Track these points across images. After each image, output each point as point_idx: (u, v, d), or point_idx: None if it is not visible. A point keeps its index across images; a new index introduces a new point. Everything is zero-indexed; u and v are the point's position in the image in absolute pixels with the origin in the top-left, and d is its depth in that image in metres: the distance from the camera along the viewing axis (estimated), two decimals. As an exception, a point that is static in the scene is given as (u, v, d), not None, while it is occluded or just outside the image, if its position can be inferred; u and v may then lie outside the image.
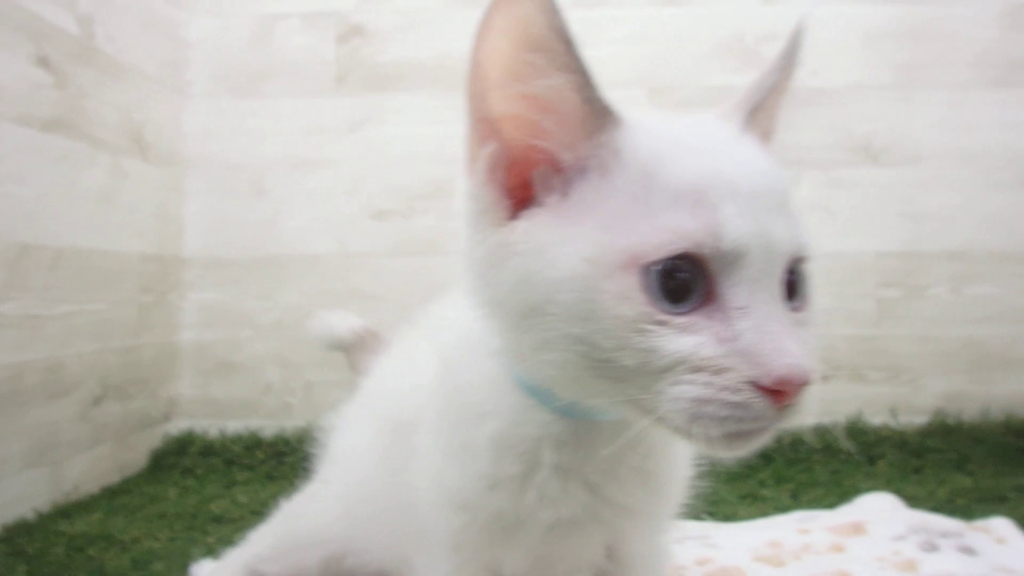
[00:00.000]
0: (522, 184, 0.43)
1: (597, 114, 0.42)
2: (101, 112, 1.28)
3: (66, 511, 1.16)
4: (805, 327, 0.42)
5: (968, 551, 0.84)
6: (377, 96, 1.54)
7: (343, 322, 0.92)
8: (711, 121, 0.48)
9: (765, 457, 1.34)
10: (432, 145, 1.53)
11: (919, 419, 1.42)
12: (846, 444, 1.32)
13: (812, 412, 1.34)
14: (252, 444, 1.47)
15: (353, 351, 0.91)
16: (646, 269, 0.39)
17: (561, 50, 0.41)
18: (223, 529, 1.10)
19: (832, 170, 1.50)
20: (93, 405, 1.27)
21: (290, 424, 1.51)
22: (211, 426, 1.51)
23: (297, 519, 0.78)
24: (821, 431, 1.40)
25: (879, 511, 0.99)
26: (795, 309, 0.42)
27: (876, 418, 1.43)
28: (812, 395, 0.39)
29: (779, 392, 0.37)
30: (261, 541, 0.81)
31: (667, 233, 0.39)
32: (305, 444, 1.43)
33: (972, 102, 1.47)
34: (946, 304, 1.46)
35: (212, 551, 0.99)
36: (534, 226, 0.42)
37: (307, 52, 1.55)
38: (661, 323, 0.38)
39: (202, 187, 1.55)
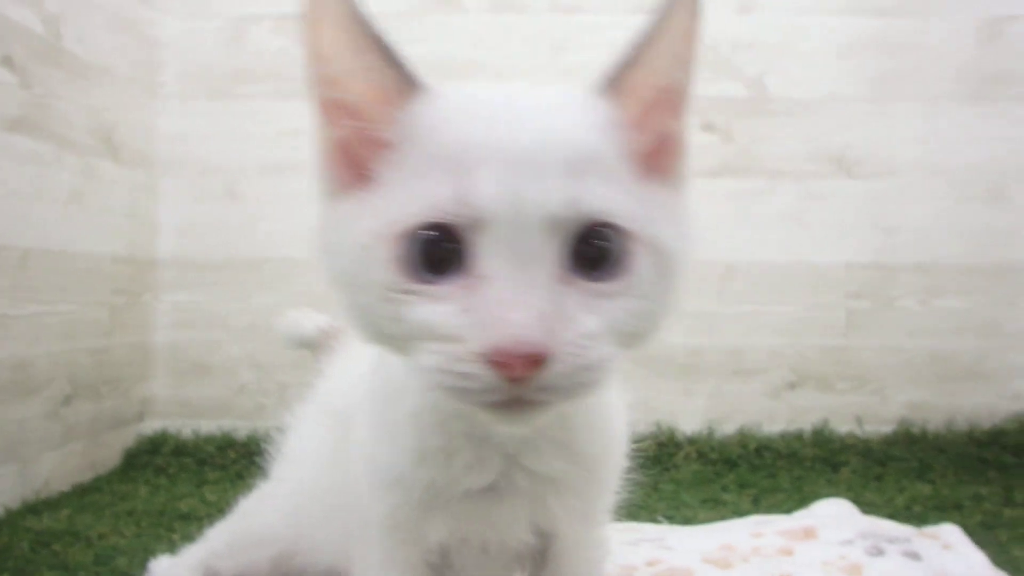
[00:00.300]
0: (355, 162, 0.44)
1: (405, 87, 0.43)
2: (69, 112, 1.29)
3: (35, 507, 1.17)
4: (611, 299, 0.40)
5: (913, 556, 0.86)
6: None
7: (310, 320, 0.92)
8: (525, 88, 0.46)
9: (729, 463, 1.36)
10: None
11: (884, 428, 1.44)
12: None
13: (779, 419, 1.33)
14: (225, 444, 1.48)
15: (320, 350, 0.92)
16: (401, 238, 0.39)
17: (363, 32, 0.42)
18: (189, 527, 1.10)
19: (805, 181, 1.52)
20: (63, 404, 1.28)
21: (263, 425, 1.50)
22: (185, 426, 1.52)
23: (250, 517, 0.79)
24: (787, 438, 1.42)
25: (833, 516, 1.00)
26: (596, 280, 0.39)
27: (842, 426, 1.45)
28: (561, 373, 0.37)
29: (503, 364, 0.36)
30: (217, 538, 0.82)
31: (418, 201, 0.39)
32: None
33: (947, 115, 1.49)
34: (914, 316, 1.48)
35: (175, 548, 1.00)
36: (348, 202, 0.43)
37: (281, 54, 1.56)
38: (409, 292, 0.39)
39: (176, 189, 1.56)
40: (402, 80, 0.43)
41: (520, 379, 0.36)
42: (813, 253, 1.50)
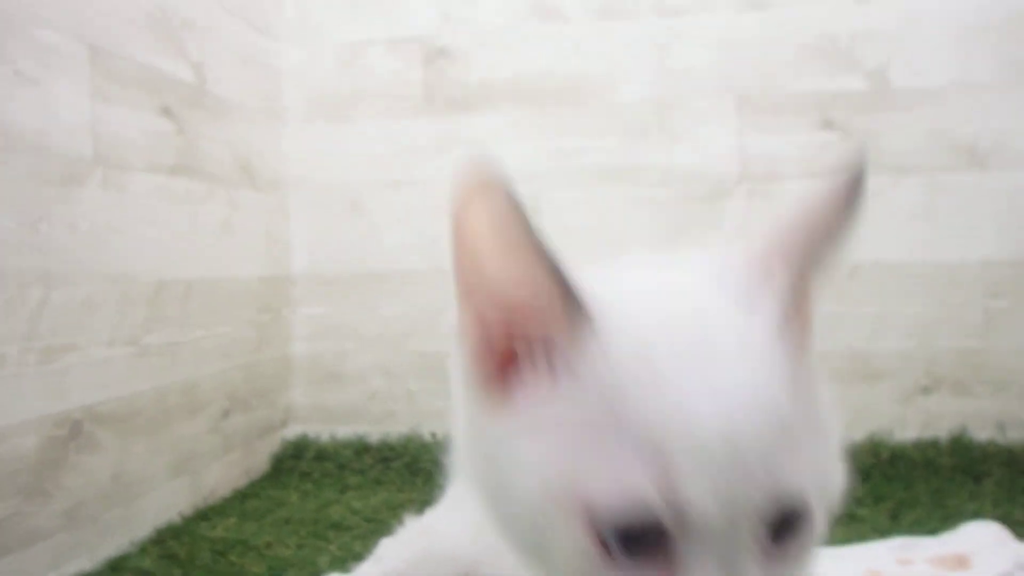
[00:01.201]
0: (507, 361, 0.40)
1: (572, 307, 0.37)
2: (214, 150, 1.39)
3: (205, 514, 1.29)
4: (787, 562, 0.37)
5: (1079, 592, 0.84)
6: (462, 116, 1.60)
7: None
8: (709, 297, 0.40)
9: (862, 473, 1.34)
10: (517, 162, 1.58)
11: (1029, 434, 1.38)
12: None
13: (912, 425, 1.30)
14: (360, 449, 1.58)
15: None
16: (596, 512, 0.35)
17: (532, 243, 0.37)
18: (342, 536, 1.20)
19: (933, 175, 1.45)
20: (223, 418, 1.40)
21: (394, 430, 1.61)
22: (323, 431, 1.63)
23: (431, 535, 0.84)
24: (922, 446, 1.38)
25: (984, 542, 0.98)
26: (780, 549, 0.37)
27: (982, 433, 1.39)
28: None
29: None
30: (395, 556, 0.88)
31: (619, 489, 0.34)
32: (409, 450, 1.54)
33: (1089, 100, 1.39)
34: (1059, 315, 1.40)
35: (336, 560, 1.10)
36: (507, 419, 0.39)
37: (394, 75, 1.61)
38: (607, 569, 0.35)
39: (304, 209, 1.66)
40: (572, 295, 0.37)
41: None
42: (944, 251, 1.44)
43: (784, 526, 0.36)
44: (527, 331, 0.39)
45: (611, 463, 0.34)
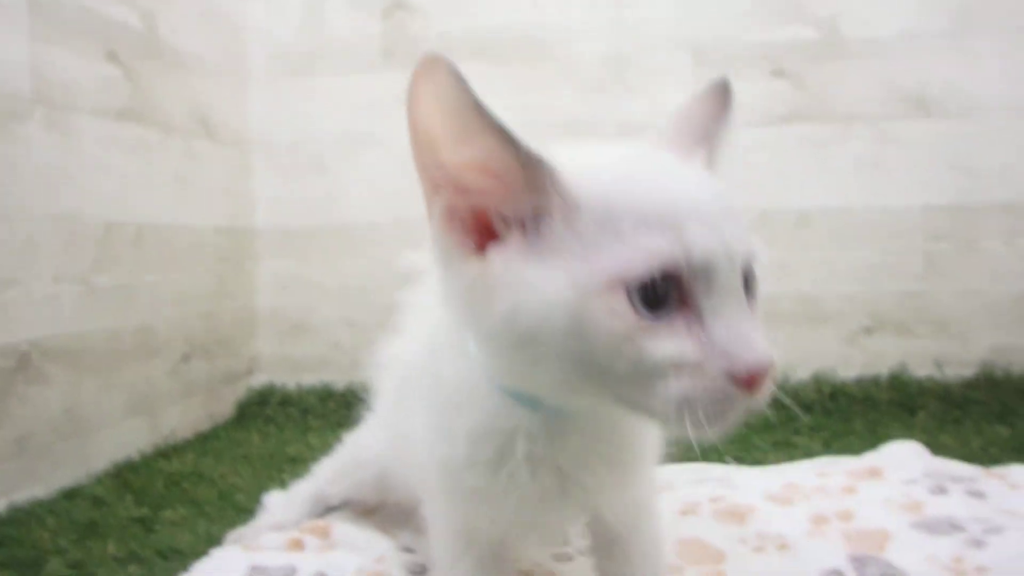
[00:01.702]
0: (478, 222, 0.47)
1: (532, 166, 0.45)
2: (169, 100, 1.42)
3: (165, 452, 1.33)
4: (757, 320, 0.47)
5: (977, 495, 0.87)
6: (425, 70, 1.62)
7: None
8: (651, 151, 0.52)
9: (803, 407, 1.38)
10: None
11: (966, 372, 1.42)
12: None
13: (855, 364, 1.33)
14: (325, 395, 1.62)
15: None
16: (626, 286, 0.44)
17: (477, 116, 0.44)
18: (296, 468, 1.23)
19: (881, 123, 1.48)
20: (182, 362, 1.44)
21: (359, 378, 1.64)
22: (289, 380, 1.67)
23: (354, 446, 0.90)
24: (863, 383, 1.42)
25: (901, 457, 1.02)
26: (750, 306, 0.47)
27: (921, 371, 1.43)
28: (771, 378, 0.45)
29: (751, 380, 0.43)
30: (325, 469, 0.94)
31: (645, 253, 0.43)
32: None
33: (1033, 47, 1.42)
34: (998, 258, 1.43)
35: (285, 485, 1.13)
36: (510, 260, 0.46)
37: (354, 30, 1.64)
38: (647, 331, 0.43)
39: (267, 164, 1.68)
40: (528, 158, 0.45)
41: (758, 389, 0.44)
42: (890, 197, 1.47)
43: (749, 287, 0.47)
44: (497, 207, 0.47)
45: (633, 241, 0.44)
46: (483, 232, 0.47)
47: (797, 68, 1.50)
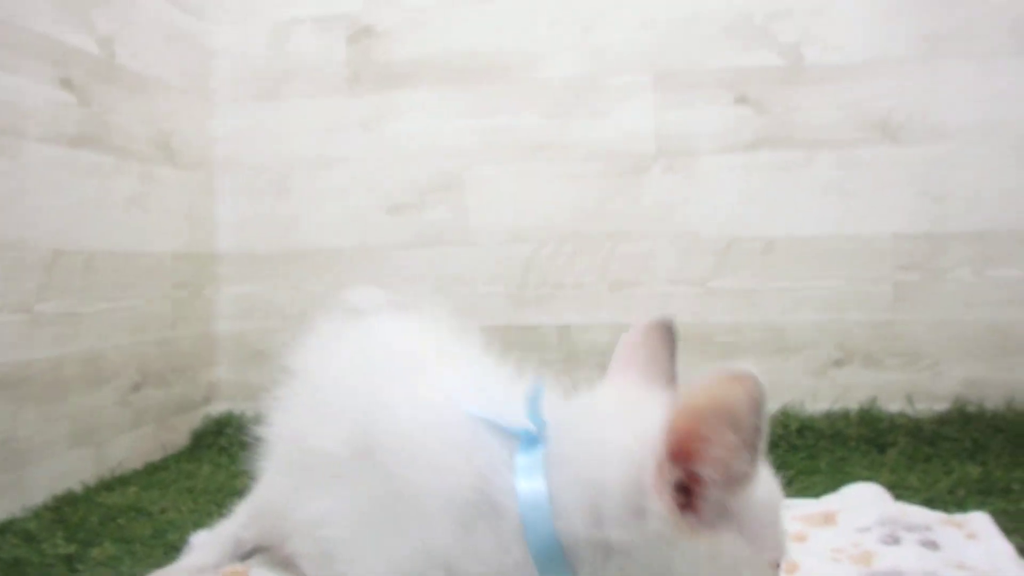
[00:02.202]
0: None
1: (753, 472, 0.53)
2: (128, 125, 1.39)
3: (109, 485, 1.29)
4: None
5: (931, 545, 0.83)
6: (389, 94, 1.60)
7: (367, 297, 0.97)
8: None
9: (770, 444, 1.33)
10: (442, 139, 1.58)
11: (938, 406, 1.38)
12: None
13: (824, 398, 1.32)
14: (284, 426, 1.58)
15: None
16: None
17: (757, 440, 0.51)
18: (239, 502, 1.20)
19: (846, 150, 1.45)
20: (133, 391, 1.40)
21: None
22: (248, 408, 1.63)
23: (262, 489, 0.87)
24: (832, 417, 1.38)
25: (858, 501, 0.98)
26: None
27: (892, 405, 1.39)
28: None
29: None
30: (242, 511, 0.91)
31: (779, 543, 0.57)
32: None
33: (1002, 72, 1.39)
34: (969, 287, 1.40)
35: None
36: (723, 536, 0.54)
37: (321, 54, 1.62)
38: None
39: (231, 187, 1.66)
40: (753, 467, 0.52)
41: None
42: (857, 225, 1.44)
43: None
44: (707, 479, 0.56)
45: (771, 539, 0.58)
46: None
47: (760, 94, 1.48)
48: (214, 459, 1.47)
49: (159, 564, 0.93)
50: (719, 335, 1.48)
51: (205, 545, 0.92)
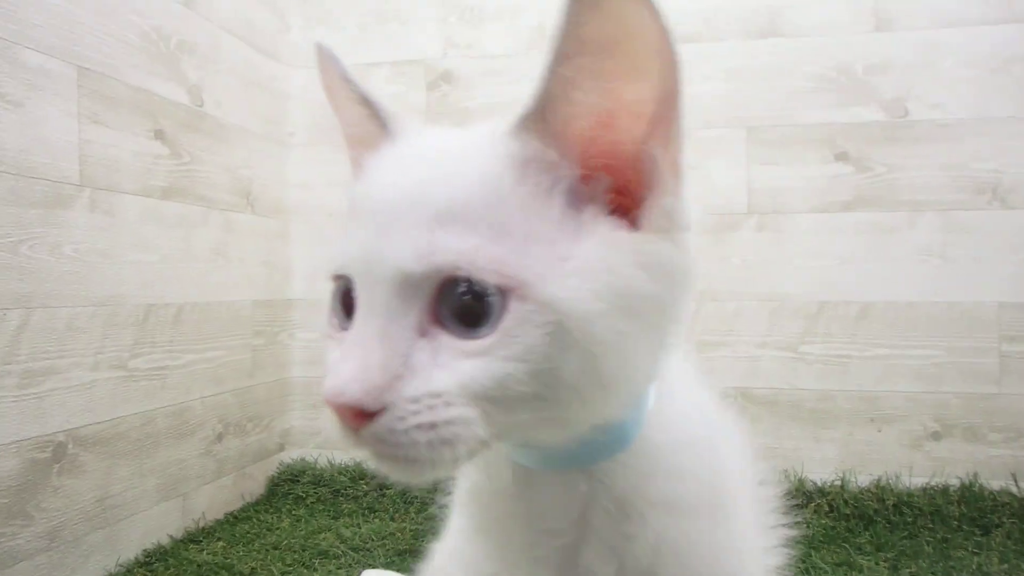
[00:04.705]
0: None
1: (381, 133, 0.47)
2: (211, 174, 1.40)
3: (196, 537, 1.29)
4: (473, 358, 0.37)
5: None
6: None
7: None
8: (448, 131, 0.47)
9: (865, 519, 1.29)
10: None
11: (1045, 486, 1.32)
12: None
13: (920, 472, 1.23)
14: (357, 475, 1.56)
15: None
16: (332, 292, 0.42)
17: (355, 91, 0.49)
18: (327, 565, 1.19)
19: (950, 212, 1.40)
20: (216, 441, 1.40)
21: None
22: (321, 456, 1.62)
23: (433, 561, 0.84)
24: (931, 493, 1.32)
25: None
26: (469, 337, 0.37)
27: (994, 483, 1.33)
28: (378, 427, 0.36)
29: (338, 412, 0.37)
30: None
31: (326, 259, 0.42)
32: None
33: (1115, 136, 1.33)
34: (1080, 361, 1.33)
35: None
36: None
37: (398, 99, 1.61)
38: (332, 341, 0.42)
39: (305, 233, 1.66)
40: (380, 127, 0.47)
41: (353, 428, 0.36)
42: (959, 291, 1.38)
43: (480, 316, 0.37)
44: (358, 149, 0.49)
45: (339, 239, 0.41)
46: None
47: (860, 151, 1.44)
48: (291, 510, 1.46)
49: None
50: (809, 401, 1.43)
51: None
